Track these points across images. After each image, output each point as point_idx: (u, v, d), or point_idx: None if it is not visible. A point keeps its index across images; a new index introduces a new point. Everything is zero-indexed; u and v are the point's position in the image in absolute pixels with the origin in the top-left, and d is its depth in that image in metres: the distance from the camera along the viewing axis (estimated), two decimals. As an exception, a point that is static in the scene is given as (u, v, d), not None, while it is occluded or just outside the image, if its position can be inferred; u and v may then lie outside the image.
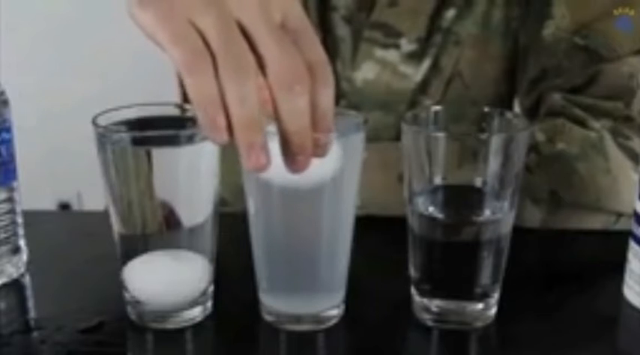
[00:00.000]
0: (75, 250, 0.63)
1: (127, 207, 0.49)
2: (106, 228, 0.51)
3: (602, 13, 0.68)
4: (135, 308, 0.52)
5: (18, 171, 0.57)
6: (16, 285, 0.58)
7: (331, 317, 0.52)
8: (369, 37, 0.75)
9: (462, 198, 0.49)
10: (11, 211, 0.57)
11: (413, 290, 0.52)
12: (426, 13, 0.74)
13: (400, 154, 0.50)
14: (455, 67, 0.75)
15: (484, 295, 0.51)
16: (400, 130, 0.49)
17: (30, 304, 0.57)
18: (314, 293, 0.51)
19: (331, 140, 0.44)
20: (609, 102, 0.67)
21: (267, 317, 0.52)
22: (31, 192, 0.64)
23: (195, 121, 0.48)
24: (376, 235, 0.59)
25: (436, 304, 0.51)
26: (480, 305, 0.51)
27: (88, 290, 0.57)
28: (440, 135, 0.48)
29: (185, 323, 0.51)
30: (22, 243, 0.59)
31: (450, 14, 0.74)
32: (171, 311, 0.51)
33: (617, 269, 0.56)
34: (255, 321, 0.52)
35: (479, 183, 0.48)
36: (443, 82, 0.75)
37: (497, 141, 0.47)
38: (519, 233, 0.52)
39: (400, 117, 0.51)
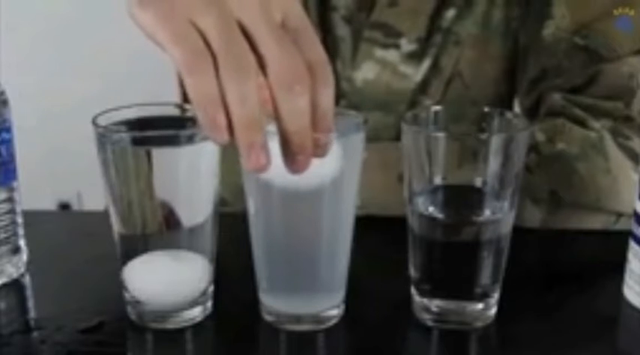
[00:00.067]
0: (75, 250, 0.63)
1: (127, 207, 0.49)
2: (106, 228, 0.51)
3: (602, 13, 0.68)
4: (135, 308, 0.52)
5: (18, 171, 0.57)
6: (16, 285, 0.58)
7: (331, 317, 0.52)
8: (369, 37, 0.75)
9: (462, 198, 0.49)
10: (11, 211, 0.57)
11: (413, 290, 0.52)
12: (426, 13, 0.73)
13: (400, 154, 0.50)
14: (455, 67, 0.75)
15: (484, 295, 0.51)
16: (400, 130, 0.49)
17: (30, 304, 0.57)
18: (314, 293, 0.51)
19: (331, 140, 0.44)
20: (609, 102, 0.67)
21: (267, 317, 0.52)
22: (31, 192, 0.64)
23: (195, 121, 0.48)
24: (376, 235, 0.59)
25: (436, 304, 0.51)
26: (480, 305, 0.51)
27: (88, 290, 0.57)
28: (440, 135, 0.48)
29: (185, 323, 0.51)
30: (22, 243, 0.59)
31: (450, 14, 0.74)
32: (171, 311, 0.51)
33: (617, 269, 0.56)
34: (255, 321, 0.52)
35: (479, 183, 0.48)
36: (443, 82, 0.75)
37: (497, 141, 0.47)
38: (519, 233, 0.52)
39: (400, 117, 0.51)
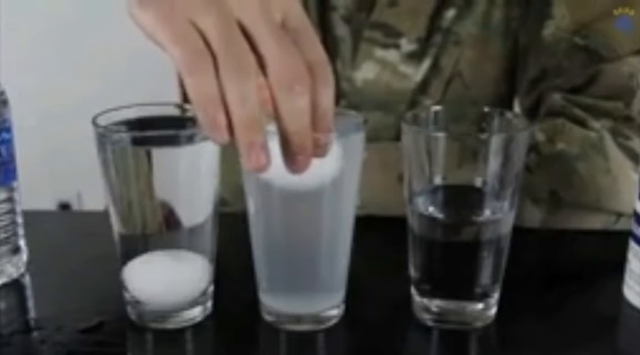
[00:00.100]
0: (75, 250, 0.63)
1: (127, 207, 0.49)
2: (106, 228, 0.51)
3: (602, 13, 0.68)
4: (135, 308, 0.52)
5: (18, 171, 0.57)
6: (16, 285, 0.58)
7: (331, 317, 0.52)
8: (369, 37, 0.74)
9: (462, 198, 0.49)
10: (11, 211, 0.57)
11: (413, 290, 0.52)
12: (426, 13, 0.73)
13: (400, 154, 0.50)
14: (455, 67, 0.75)
15: (484, 295, 0.51)
16: (400, 130, 0.49)
17: (30, 304, 0.57)
18: (314, 293, 0.51)
19: (331, 140, 0.44)
20: (609, 102, 0.67)
21: (267, 317, 0.52)
22: (31, 192, 0.64)
23: (195, 121, 0.48)
24: (376, 235, 0.59)
25: (436, 304, 0.51)
26: (480, 305, 0.51)
27: (88, 290, 0.57)
28: (440, 135, 0.48)
29: (185, 323, 0.51)
30: (22, 243, 0.59)
31: (450, 14, 0.74)
32: (171, 311, 0.51)
33: (617, 269, 0.56)
34: (255, 321, 0.52)
35: (479, 183, 0.48)
36: (443, 82, 0.75)
37: (497, 141, 0.47)
38: (519, 233, 0.52)
39: (400, 117, 0.51)
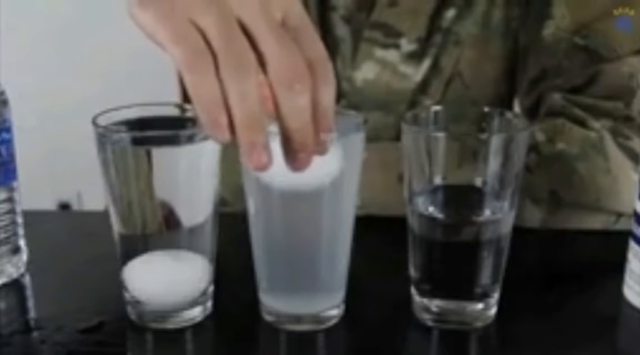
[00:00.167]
0: (75, 250, 0.63)
1: (127, 207, 0.49)
2: (106, 228, 0.51)
3: (602, 13, 0.68)
4: (135, 308, 0.52)
5: (18, 171, 0.57)
6: (16, 285, 0.58)
7: (331, 317, 0.52)
8: (369, 37, 0.74)
9: (462, 198, 0.49)
10: (11, 211, 0.57)
11: (413, 290, 0.52)
12: (426, 13, 0.73)
13: (400, 154, 0.50)
14: (455, 67, 0.75)
15: (484, 295, 0.51)
16: (400, 130, 0.49)
17: (30, 304, 0.57)
18: (314, 293, 0.51)
19: (332, 138, 0.44)
20: (609, 102, 0.67)
21: (267, 317, 0.52)
22: (31, 192, 0.64)
23: (195, 121, 0.48)
24: (376, 235, 0.59)
25: (436, 304, 0.51)
26: (480, 305, 0.51)
27: (88, 290, 0.57)
28: (440, 135, 0.48)
29: (185, 323, 0.51)
30: (22, 243, 0.59)
31: (450, 14, 0.74)
32: (171, 311, 0.51)
33: (617, 269, 0.56)
34: (255, 321, 0.52)
35: (479, 183, 0.48)
36: (443, 82, 0.75)
37: (497, 141, 0.47)
38: (519, 233, 0.52)
39: (400, 117, 0.51)
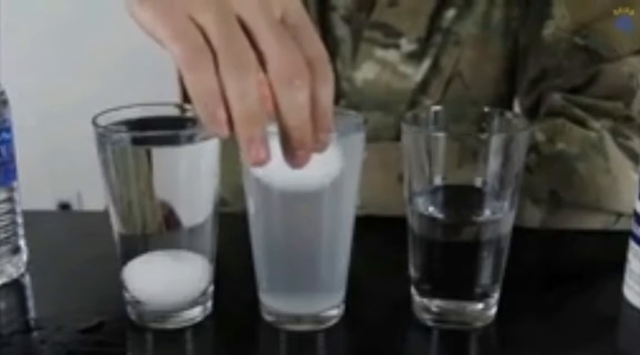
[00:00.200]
0: (75, 250, 0.63)
1: (127, 207, 0.49)
2: (106, 228, 0.51)
3: (602, 13, 0.68)
4: (135, 308, 0.52)
5: (18, 171, 0.57)
6: (16, 285, 0.58)
7: (331, 317, 0.52)
8: (369, 37, 0.74)
9: (462, 198, 0.49)
10: (11, 211, 0.57)
11: (413, 290, 0.52)
12: (426, 13, 0.73)
13: (400, 154, 0.50)
14: (455, 67, 0.75)
15: (484, 295, 0.51)
16: (400, 130, 0.49)
17: (30, 304, 0.57)
18: (314, 293, 0.51)
19: (331, 136, 0.43)
20: (609, 102, 0.67)
21: (267, 317, 0.52)
22: (31, 192, 0.64)
23: (196, 121, 0.48)
24: (376, 235, 0.59)
25: (436, 304, 0.51)
26: (480, 305, 0.51)
27: (88, 290, 0.57)
28: (440, 135, 0.48)
29: (185, 323, 0.51)
30: (22, 243, 0.59)
31: (450, 14, 0.74)
32: (171, 311, 0.51)
33: (617, 269, 0.56)
34: (255, 321, 0.52)
35: (479, 183, 0.48)
36: (443, 82, 0.75)
37: (497, 141, 0.47)
38: (519, 233, 0.52)
39: (400, 117, 0.51)
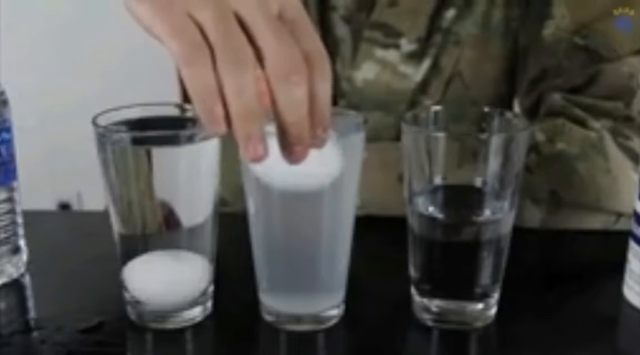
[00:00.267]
0: (75, 250, 0.63)
1: (127, 207, 0.49)
2: (106, 228, 0.51)
3: (602, 13, 0.68)
4: (135, 308, 0.52)
5: (18, 171, 0.57)
6: (16, 285, 0.58)
7: (331, 317, 0.52)
8: (369, 37, 0.74)
9: (462, 198, 0.49)
10: (11, 211, 0.57)
11: (413, 290, 0.52)
12: (426, 13, 0.73)
13: (400, 154, 0.50)
14: (455, 67, 0.75)
15: (484, 295, 0.51)
16: (400, 130, 0.49)
17: (30, 304, 0.57)
18: (314, 293, 0.51)
19: (329, 132, 0.43)
20: (609, 102, 0.67)
21: (267, 317, 0.52)
22: (31, 192, 0.64)
23: (196, 121, 0.48)
24: (376, 235, 0.59)
25: (436, 304, 0.51)
26: (480, 305, 0.51)
27: (88, 290, 0.57)
28: (440, 135, 0.48)
29: (185, 323, 0.51)
30: (22, 243, 0.59)
31: (450, 14, 0.74)
32: (171, 311, 0.51)
33: (617, 269, 0.56)
34: (255, 321, 0.52)
35: (479, 183, 0.48)
36: (443, 82, 0.75)
37: (497, 141, 0.47)
38: (519, 233, 0.52)
39: (400, 117, 0.51)
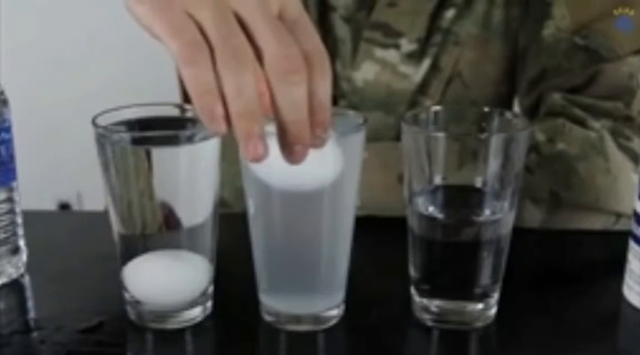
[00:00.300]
0: (75, 250, 0.63)
1: (127, 207, 0.49)
2: (106, 228, 0.51)
3: (602, 13, 0.68)
4: (135, 308, 0.52)
5: (18, 171, 0.57)
6: (16, 285, 0.58)
7: (331, 317, 0.52)
8: (368, 37, 0.74)
9: (462, 198, 0.49)
10: (11, 211, 0.57)
11: (413, 290, 0.52)
12: (426, 13, 0.73)
13: (400, 154, 0.50)
14: (455, 68, 0.75)
15: (484, 295, 0.51)
16: (400, 130, 0.50)
17: (30, 304, 0.57)
18: (314, 293, 0.51)
19: (329, 132, 0.43)
20: (609, 102, 0.67)
21: (267, 317, 0.52)
22: (31, 192, 0.64)
23: (196, 121, 0.48)
24: (376, 235, 0.59)
25: (436, 304, 0.51)
26: (480, 305, 0.51)
27: (88, 290, 0.57)
28: (440, 135, 0.48)
29: (185, 323, 0.51)
30: (21, 243, 0.59)
31: (450, 14, 0.74)
32: (171, 311, 0.51)
33: (617, 269, 0.56)
34: (255, 321, 0.52)
35: (479, 183, 0.48)
36: (443, 83, 0.75)
37: (497, 141, 0.47)
38: (519, 233, 0.52)
39: (400, 117, 0.51)
